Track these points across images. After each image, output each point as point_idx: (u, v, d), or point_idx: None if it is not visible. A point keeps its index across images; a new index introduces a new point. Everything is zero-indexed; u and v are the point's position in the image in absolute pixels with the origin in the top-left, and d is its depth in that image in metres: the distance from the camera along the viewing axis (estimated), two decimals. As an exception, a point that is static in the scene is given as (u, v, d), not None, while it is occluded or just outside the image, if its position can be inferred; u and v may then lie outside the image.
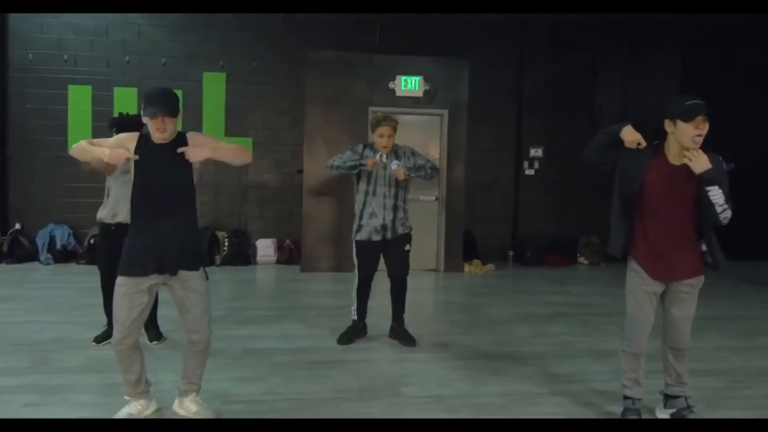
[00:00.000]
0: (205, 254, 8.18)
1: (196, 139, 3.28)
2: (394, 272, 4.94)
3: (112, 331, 3.39)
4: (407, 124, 7.27)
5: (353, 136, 7.58)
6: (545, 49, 9.55)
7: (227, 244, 8.77)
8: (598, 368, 4.44)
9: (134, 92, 8.69)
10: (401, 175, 4.79)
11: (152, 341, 4.72)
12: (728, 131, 5.88)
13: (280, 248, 9.01)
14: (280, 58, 9.00)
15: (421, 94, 8.34)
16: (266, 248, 8.98)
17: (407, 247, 4.94)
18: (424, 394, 3.90)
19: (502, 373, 4.32)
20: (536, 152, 9.69)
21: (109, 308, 4.21)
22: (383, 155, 4.84)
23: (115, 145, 3.22)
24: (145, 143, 3.22)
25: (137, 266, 3.17)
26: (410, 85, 8.29)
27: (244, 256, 8.79)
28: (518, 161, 9.74)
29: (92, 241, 8.16)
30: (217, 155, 3.27)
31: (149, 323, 4.58)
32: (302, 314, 5.91)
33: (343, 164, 4.94)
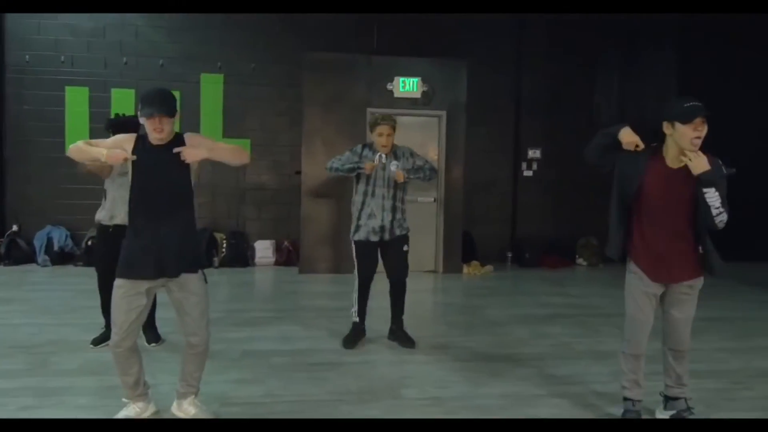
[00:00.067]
0: (203, 256, 8.16)
1: (193, 139, 3.26)
2: (393, 274, 4.94)
3: (110, 333, 3.37)
4: (405, 125, 7.26)
5: (351, 137, 7.56)
6: (543, 50, 9.55)
7: (225, 245, 8.75)
8: (597, 370, 4.42)
9: (131, 93, 8.66)
10: (400, 177, 4.78)
11: (150, 343, 4.70)
12: (727, 132, 5.88)
13: (278, 250, 9.00)
14: (277, 59, 8.99)
15: (419, 95, 8.34)
16: (264, 250, 8.96)
17: (405, 247, 4.93)
18: (423, 395, 3.89)
19: (501, 374, 4.31)
20: (535, 153, 9.69)
21: (107, 310, 4.21)
22: (382, 155, 4.84)
23: (112, 145, 3.20)
24: (142, 144, 3.20)
25: (135, 268, 3.15)
26: (408, 86, 8.29)
27: (242, 257, 8.78)
28: (517, 162, 9.74)
29: (90, 242, 8.15)
30: (214, 155, 3.24)
31: (147, 325, 4.56)
32: (301, 316, 5.89)
33: (341, 166, 4.94)
